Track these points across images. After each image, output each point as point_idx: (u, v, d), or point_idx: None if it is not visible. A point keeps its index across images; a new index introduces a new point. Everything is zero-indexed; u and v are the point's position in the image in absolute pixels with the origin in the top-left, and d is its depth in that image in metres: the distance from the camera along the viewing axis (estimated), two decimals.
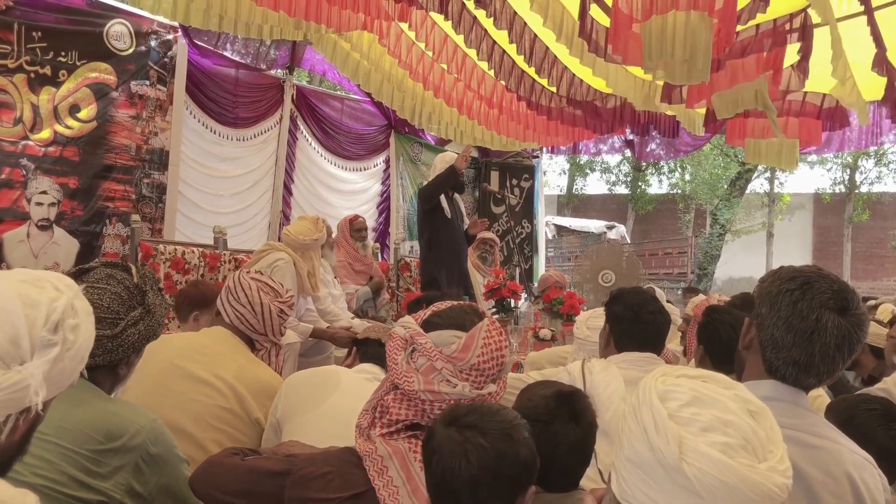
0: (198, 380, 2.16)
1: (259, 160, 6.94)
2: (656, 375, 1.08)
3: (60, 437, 1.51)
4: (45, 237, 5.20)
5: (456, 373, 1.34)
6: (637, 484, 1.01)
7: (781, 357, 1.47)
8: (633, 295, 2.35)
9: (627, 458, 1.03)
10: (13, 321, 1.04)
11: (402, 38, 5.92)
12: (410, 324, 1.41)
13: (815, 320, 1.42)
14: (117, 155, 5.62)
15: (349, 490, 1.33)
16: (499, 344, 1.38)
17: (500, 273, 4.89)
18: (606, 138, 8.78)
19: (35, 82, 5.10)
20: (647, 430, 1.00)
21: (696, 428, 0.98)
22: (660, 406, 1.01)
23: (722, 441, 0.97)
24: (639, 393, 1.06)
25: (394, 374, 1.37)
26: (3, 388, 1.01)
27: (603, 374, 2.13)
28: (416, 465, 1.32)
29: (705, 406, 1.00)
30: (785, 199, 20.88)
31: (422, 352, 1.35)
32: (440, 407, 1.34)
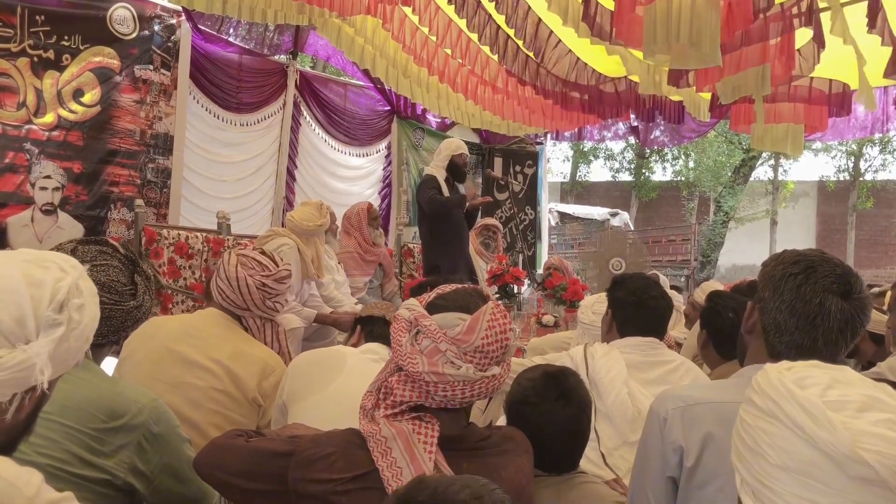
0: (192, 363, 2.16)
1: (262, 145, 6.93)
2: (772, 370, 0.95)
3: (64, 417, 1.52)
4: (49, 222, 5.21)
5: (460, 355, 1.32)
6: (795, 492, 0.88)
7: (784, 341, 1.46)
8: (635, 280, 2.35)
9: (778, 466, 0.89)
10: (18, 301, 1.04)
11: (406, 22, 5.89)
12: (415, 306, 1.41)
13: (818, 304, 1.41)
14: (121, 140, 5.61)
15: (353, 471, 1.33)
16: (503, 327, 1.37)
17: (503, 259, 4.89)
18: (611, 124, 8.76)
19: (38, 66, 5.09)
20: (802, 425, 0.87)
21: (851, 410, 0.87)
22: (807, 394, 0.89)
23: (885, 418, 0.86)
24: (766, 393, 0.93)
25: (398, 355, 1.37)
26: (8, 367, 1.01)
27: (605, 359, 2.14)
28: (420, 446, 1.32)
29: (848, 385, 0.90)
30: (789, 187, 20.81)
31: (426, 334, 1.35)
32: (444, 389, 1.34)
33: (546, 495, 1.63)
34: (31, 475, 0.99)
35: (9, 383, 1.03)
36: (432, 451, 1.33)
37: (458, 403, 1.39)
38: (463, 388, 1.35)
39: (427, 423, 1.36)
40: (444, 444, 1.36)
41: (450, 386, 1.34)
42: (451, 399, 1.36)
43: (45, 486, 1.00)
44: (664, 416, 1.52)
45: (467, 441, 1.42)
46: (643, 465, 1.57)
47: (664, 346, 2.29)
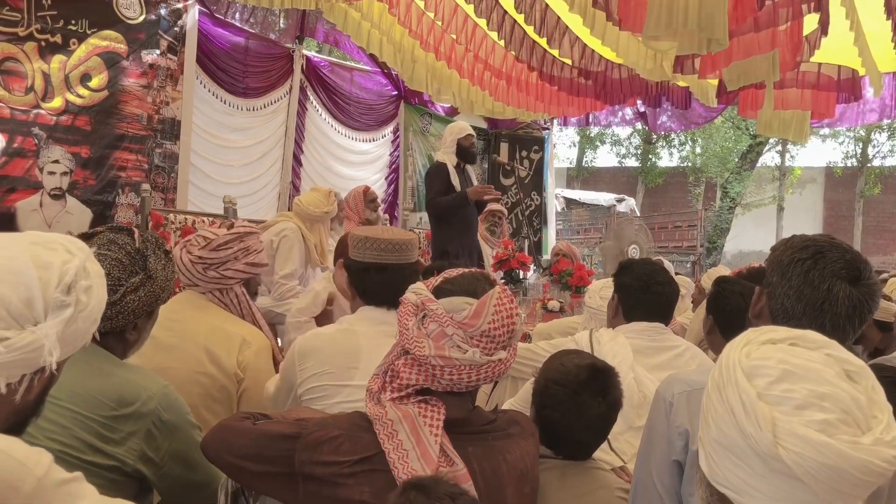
0: (171, 347, 2.16)
1: (269, 130, 6.93)
2: (739, 345, 0.98)
3: (74, 403, 1.53)
4: (58, 206, 5.22)
5: (466, 339, 1.32)
6: (729, 468, 0.93)
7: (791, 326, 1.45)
8: (642, 266, 2.34)
9: (715, 440, 0.95)
10: (27, 283, 1.05)
11: (413, 7, 5.85)
12: (422, 290, 1.40)
13: (826, 290, 1.40)
14: (129, 124, 5.62)
15: (359, 453, 1.33)
16: (510, 311, 1.37)
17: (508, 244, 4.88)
18: (618, 110, 8.71)
19: (46, 50, 5.09)
20: (735, 413, 0.91)
21: (789, 406, 0.89)
22: (747, 385, 0.91)
23: (820, 418, 0.88)
24: (722, 368, 0.97)
25: (404, 339, 1.37)
26: (18, 348, 1.02)
27: (611, 344, 2.13)
28: (426, 429, 1.32)
29: (798, 380, 0.91)
30: (796, 173, 20.71)
31: (432, 317, 1.34)
32: (451, 373, 1.34)
33: (552, 477, 1.63)
34: (40, 455, 1.00)
35: (18, 364, 1.04)
36: (438, 434, 1.32)
37: (464, 387, 1.38)
38: (469, 372, 1.34)
39: (433, 407, 1.36)
40: (450, 427, 1.36)
41: (456, 370, 1.33)
42: (457, 383, 1.35)
43: (54, 465, 1.01)
44: (670, 401, 1.52)
45: (473, 424, 1.41)
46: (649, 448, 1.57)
47: (670, 332, 2.28)
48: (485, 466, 1.37)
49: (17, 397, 1.06)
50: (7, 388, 1.04)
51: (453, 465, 1.32)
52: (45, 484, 0.97)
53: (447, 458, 1.32)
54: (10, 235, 1.13)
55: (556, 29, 5.39)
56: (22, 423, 1.12)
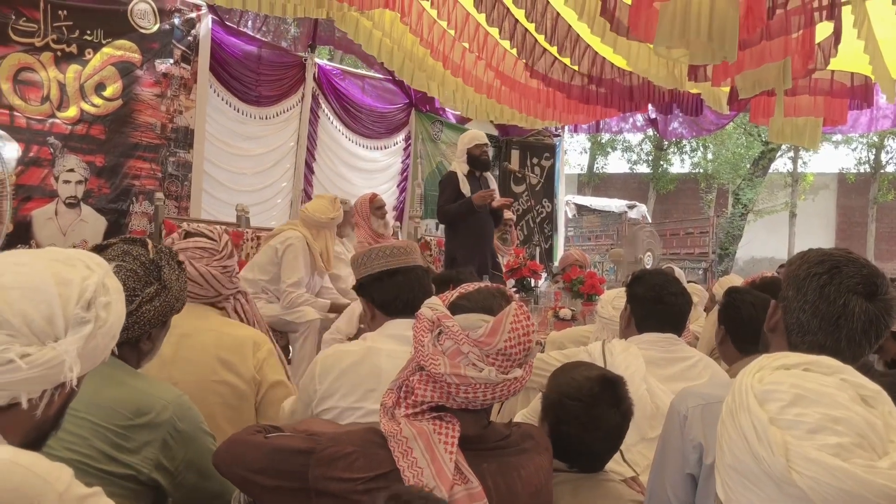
0: (181, 361, 2.12)
1: (281, 139, 6.97)
2: (752, 371, 0.98)
3: (91, 413, 1.54)
4: (72, 215, 5.27)
5: (482, 357, 1.31)
6: (745, 494, 0.92)
7: (807, 341, 1.44)
8: (654, 276, 2.34)
9: (729, 465, 0.95)
10: (48, 299, 1.06)
11: (424, 16, 5.88)
12: (438, 305, 1.39)
13: (842, 305, 1.39)
14: (143, 133, 5.66)
15: (373, 470, 1.33)
16: (526, 329, 1.34)
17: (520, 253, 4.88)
18: (629, 116, 8.71)
19: (61, 60, 5.15)
20: (747, 438, 0.91)
21: (802, 431, 0.88)
22: (759, 410, 0.91)
23: (833, 442, 0.87)
24: (734, 394, 0.97)
25: (420, 355, 1.36)
26: (39, 365, 1.03)
27: (624, 355, 2.13)
28: (441, 446, 1.31)
29: (810, 404, 0.90)
30: (808, 179, 20.59)
31: (448, 335, 1.33)
32: (466, 391, 1.32)
33: (565, 491, 1.64)
34: (61, 471, 1.01)
35: (39, 380, 1.05)
36: (453, 451, 1.31)
37: (479, 405, 1.37)
38: (485, 390, 1.33)
39: (448, 423, 1.35)
40: (465, 444, 1.35)
41: (471, 388, 1.32)
42: (472, 401, 1.34)
43: (75, 481, 1.02)
44: (684, 414, 1.52)
45: (487, 441, 1.40)
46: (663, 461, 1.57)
47: (683, 343, 2.28)
48: (499, 483, 1.36)
49: (37, 412, 1.08)
50: (28, 403, 1.05)
51: (468, 483, 1.31)
52: (67, 499, 0.99)
53: (462, 476, 1.31)
54: (30, 252, 1.14)
55: (566, 38, 5.40)
56: (42, 437, 1.14)
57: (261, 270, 4.35)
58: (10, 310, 1.03)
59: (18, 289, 1.05)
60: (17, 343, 1.03)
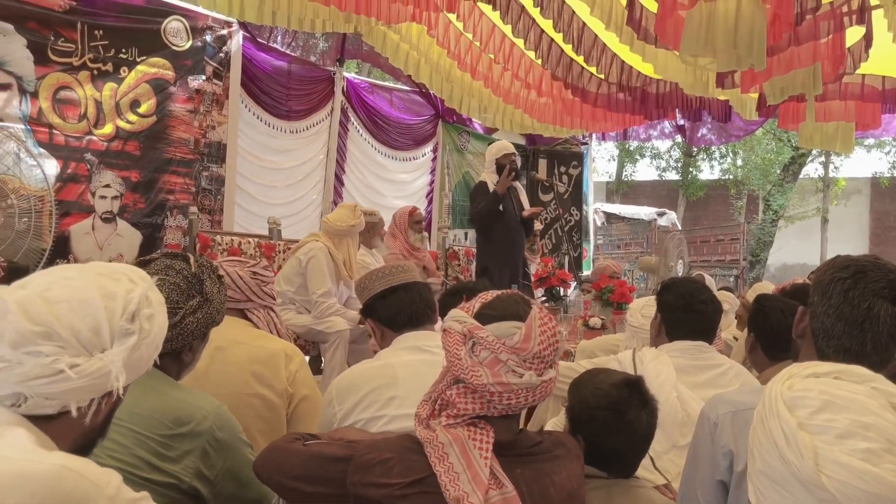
0: (216, 374, 2.16)
1: (311, 152, 7.05)
2: (782, 379, 1.00)
3: (134, 423, 1.58)
4: (109, 229, 5.38)
5: (521, 363, 1.34)
6: (775, 498, 0.94)
7: (832, 345, 1.44)
8: (684, 284, 2.34)
9: (761, 471, 0.97)
10: (94, 312, 1.11)
11: (451, 28, 5.94)
12: (465, 318, 1.40)
13: (866, 309, 1.39)
14: (176, 148, 5.77)
15: (410, 476, 1.35)
16: (553, 330, 1.39)
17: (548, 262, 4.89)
18: (657, 124, 8.67)
19: (98, 79, 5.27)
20: (777, 444, 0.93)
21: (831, 436, 0.90)
22: (788, 416, 0.93)
23: (863, 447, 0.88)
24: (765, 401, 0.99)
25: (458, 369, 1.37)
26: (88, 374, 1.08)
27: (654, 363, 2.13)
28: (476, 452, 1.34)
29: (840, 410, 0.91)
30: (840, 184, 20.26)
31: (484, 345, 1.35)
32: (508, 398, 1.35)
33: (598, 497, 1.64)
34: (111, 475, 1.05)
35: (87, 389, 1.10)
36: (488, 457, 1.34)
37: (517, 410, 1.40)
38: (525, 394, 1.36)
39: (482, 430, 1.37)
40: (498, 450, 1.37)
41: (514, 394, 1.35)
42: (513, 406, 1.37)
43: (123, 486, 1.06)
44: (714, 421, 1.52)
45: (521, 446, 1.43)
46: (694, 468, 1.57)
47: (713, 350, 2.27)
48: (533, 488, 1.38)
49: (86, 420, 1.12)
50: (77, 411, 1.10)
51: (503, 488, 1.33)
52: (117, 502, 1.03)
53: (497, 481, 1.33)
54: (77, 266, 1.19)
55: (593, 47, 5.41)
56: (90, 444, 1.19)
57: (286, 281, 4.42)
58: (59, 322, 1.08)
59: (66, 302, 1.10)
60: (67, 354, 1.08)
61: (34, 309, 1.08)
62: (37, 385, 1.06)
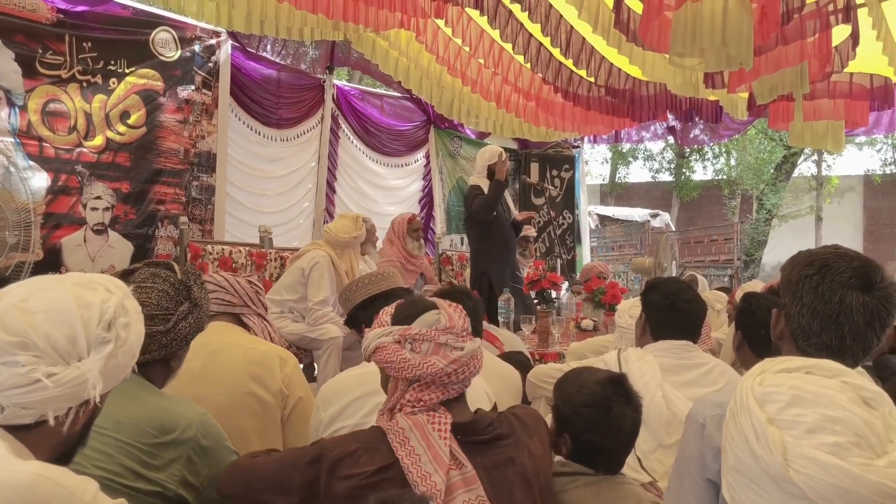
0: (212, 375, 2.18)
1: (302, 160, 7.06)
2: (754, 374, 1.01)
3: (118, 432, 1.59)
4: (100, 241, 5.38)
5: (457, 338, 1.48)
6: (746, 493, 0.95)
7: (813, 344, 1.43)
8: (668, 284, 2.35)
9: (732, 467, 0.98)
10: (70, 321, 1.12)
11: (439, 34, 5.96)
12: (389, 329, 1.50)
13: (838, 302, 1.38)
14: (166, 159, 5.78)
15: (375, 464, 1.42)
16: (457, 305, 1.56)
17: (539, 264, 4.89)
18: (648, 125, 8.70)
19: (87, 91, 5.28)
20: (747, 439, 0.94)
21: (800, 431, 0.91)
22: (758, 411, 0.95)
23: (830, 441, 0.89)
24: (736, 397, 1.00)
25: (409, 371, 1.45)
26: (64, 383, 1.09)
27: (639, 363, 2.14)
28: (435, 434, 1.43)
29: (809, 405, 0.93)
30: (833, 182, 20.32)
31: (421, 339, 1.47)
32: (462, 372, 1.47)
33: (585, 494, 1.65)
34: (87, 483, 1.06)
35: (64, 398, 1.11)
36: (446, 437, 1.43)
37: (469, 382, 1.52)
38: (472, 363, 1.49)
39: (440, 414, 1.47)
40: (457, 432, 1.47)
41: (465, 366, 1.47)
42: (468, 377, 1.49)
43: (100, 493, 1.07)
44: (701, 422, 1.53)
45: (479, 426, 1.52)
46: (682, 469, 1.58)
47: (698, 349, 2.28)
48: (493, 475, 1.46)
49: (64, 429, 1.13)
50: (55, 420, 1.11)
51: (462, 468, 1.43)
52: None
53: (457, 461, 1.43)
54: (53, 277, 1.21)
55: (581, 50, 5.43)
56: (69, 453, 1.19)
57: (288, 290, 4.42)
58: (35, 332, 1.09)
59: (42, 312, 1.11)
60: (43, 363, 1.08)
61: (10, 319, 1.09)
62: (13, 395, 1.07)
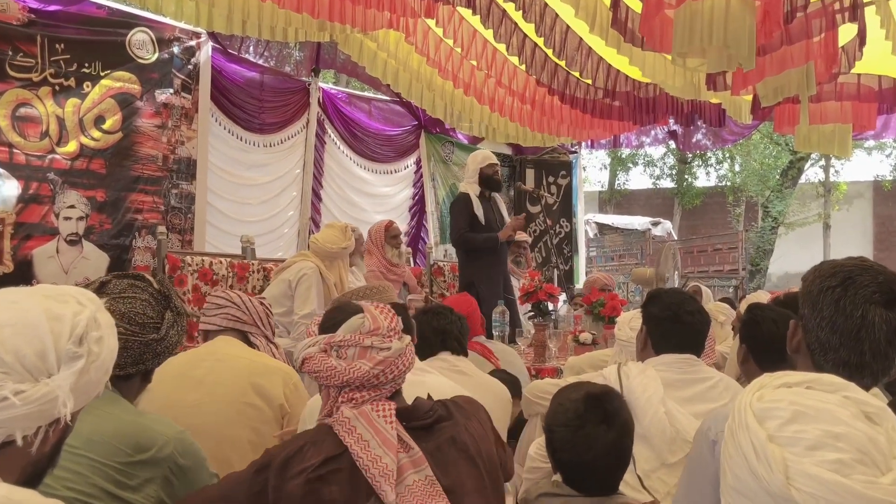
0: (209, 383, 2.24)
1: (286, 166, 7.05)
2: (753, 390, 1.01)
3: (90, 451, 1.58)
4: (74, 252, 5.35)
5: (382, 339, 1.55)
6: None
7: (830, 359, 1.43)
8: (670, 295, 2.35)
9: (732, 487, 0.98)
10: (40, 335, 1.11)
11: (430, 35, 5.97)
12: (314, 340, 1.57)
13: (860, 317, 1.38)
14: (144, 166, 5.76)
15: (323, 454, 1.48)
16: (384, 305, 1.64)
17: (535, 276, 4.89)
18: (649, 129, 8.73)
19: (60, 95, 5.26)
20: (747, 457, 0.94)
21: (801, 447, 0.91)
22: (757, 428, 0.95)
23: (833, 458, 0.89)
24: (735, 413, 1.00)
25: (337, 378, 1.53)
26: (33, 401, 1.07)
27: (640, 378, 2.14)
28: (381, 420, 1.51)
29: (810, 420, 0.93)
30: (842, 188, 20.44)
31: (346, 345, 1.54)
32: (391, 371, 1.54)
33: None
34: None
35: (33, 416, 1.09)
36: (392, 421, 1.52)
37: (403, 379, 1.60)
38: (402, 360, 1.57)
39: (383, 403, 1.56)
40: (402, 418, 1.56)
41: (393, 365, 1.55)
42: (399, 375, 1.57)
43: None
44: (713, 439, 1.52)
45: (419, 411, 1.61)
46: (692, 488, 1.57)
47: (702, 363, 2.28)
48: (435, 452, 1.55)
49: (33, 449, 1.11)
50: (23, 440, 1.09)
51: (410, 451, 1.51)
52: None
53: (404, 444, 1.52)
54: (22, 290, 1.19)
55: (577, 51, 5.46)
56: (39, 474, 1.17)
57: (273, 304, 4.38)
58: (2, 347, 1.08)
59: (10, 326, 1.10)
60: (11, 380, 1.07)
61: None
62: None
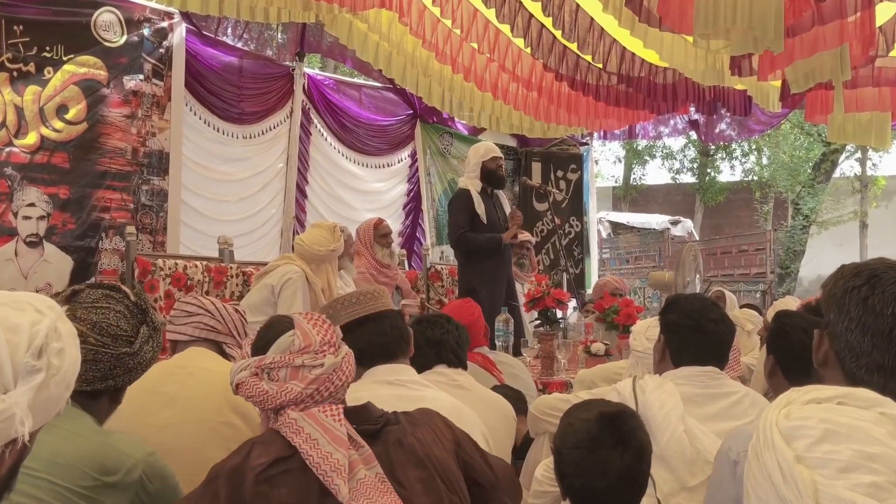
0: (181, 399, 2.22)
1: (268, 160, 7.05)
2: (779, 406, 1.01)
3: (52, 474, 1.57)
4: (34, 255, 5.34)
5: (315, 356, 1.57)
6: None
7: (863, 364, 1.42)
8: (691, 301, 2.34)
9: None
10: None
11: (426, 14, 5.96)
12: (245, 363, 1.61)
13: (892, 314, 1.37)
14: (111, 160, 5.75)
15: (272, 455, 1.52)
16: (319, 316, 1.66)
17: (542, 280, 4.88)
18: (667, 119, 8.73)
19: (18, 81, 5.25)
20: (773, 480, 0.94)
21: (832, 469, 0.90)
22: (785, 448, 0.93)
23: (868, 481, 0.88)
24: (759, 432, 0.99)
25: (271, 402, 1.57)
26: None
27: (657, 393, 2.12)
28: (329, 419, 1.55)
29: (842, 440, 0.92)
30: (879, 184, 20.44)
31: (276, 367, 1.57)
32: (326, 387, 1.57)
33: None
34: None
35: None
36: (341, 420, 1.56)
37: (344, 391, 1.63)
38: (338, 375, 1.59)
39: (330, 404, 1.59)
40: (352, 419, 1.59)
41: (328, 381, 1.58)
42: (337, 390, 1.60)
43: None
44: (734, 459, 1.52)
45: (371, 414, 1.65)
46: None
47: (725, 377, 2.26)
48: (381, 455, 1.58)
49: None
50: None
51: (361, 448, 1.55)
52: None
53: (354, 443, 1.56)
54: None
55: (589, 32, 5.46)
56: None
57: (253, 311, 4.35)
58: None
59: None
60: None
61: None
62: None
